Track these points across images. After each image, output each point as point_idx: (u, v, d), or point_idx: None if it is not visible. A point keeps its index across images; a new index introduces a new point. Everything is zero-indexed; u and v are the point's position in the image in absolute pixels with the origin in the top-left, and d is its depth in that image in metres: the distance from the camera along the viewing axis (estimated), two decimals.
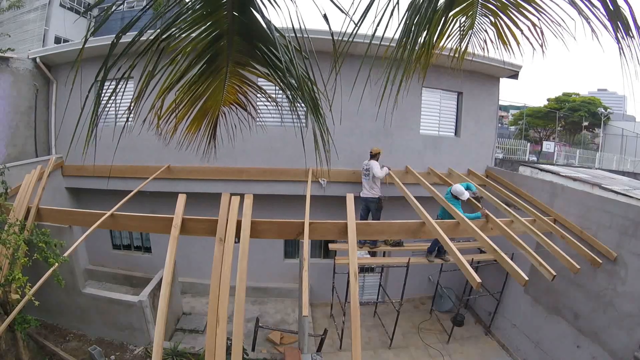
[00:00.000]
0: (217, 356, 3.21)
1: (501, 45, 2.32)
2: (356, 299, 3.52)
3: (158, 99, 1.90)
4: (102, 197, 6.79)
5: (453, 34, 2.30)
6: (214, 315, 3.48)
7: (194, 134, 2.48)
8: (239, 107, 2.48)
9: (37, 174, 6.03)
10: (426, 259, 6.69)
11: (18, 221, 4.76)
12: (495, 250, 4.12)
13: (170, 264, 3.85)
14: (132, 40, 1.33)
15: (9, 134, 6.98)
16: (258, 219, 4.67)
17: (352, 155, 7.20)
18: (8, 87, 6.88)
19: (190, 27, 1.48)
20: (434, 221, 4.79)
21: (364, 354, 6.48)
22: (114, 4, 1.46)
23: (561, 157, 16.59)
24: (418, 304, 8.59)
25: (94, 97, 1.49)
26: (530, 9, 1.89)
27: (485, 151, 8.22)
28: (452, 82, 7.38)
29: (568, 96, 26.83)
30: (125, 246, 8.72)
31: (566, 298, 5.74)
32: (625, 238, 4.92)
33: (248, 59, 1.81)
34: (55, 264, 4.07)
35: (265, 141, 6.68)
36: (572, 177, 6.27)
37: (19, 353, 4.70)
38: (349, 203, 4.82)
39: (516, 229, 5.37)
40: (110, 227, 5.31)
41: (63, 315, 6.08)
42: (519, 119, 25.22)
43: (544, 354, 6.05)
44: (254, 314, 7.16)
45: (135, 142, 6.37)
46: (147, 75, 1.51)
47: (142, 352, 5.70)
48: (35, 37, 14.69)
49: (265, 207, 6.65)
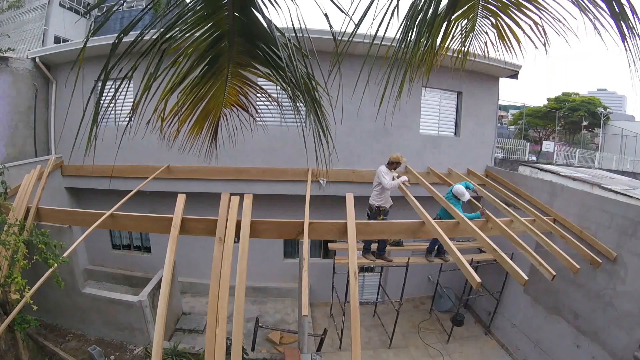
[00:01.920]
0: (216, 356, 3.21)
1: (502, 46, 2.32)
2: (356, 298, 3.52)
3: (161, 101, 1.89)
4: (102, 197, 6.79)
5: (455, 37, 2.29)
6: (214, 315, 3.48)
7: (196, 136, 2.47)
8: (240, 108, 2.48)
9: (36, 173, 6.01)
10: (426, 258, 6.69)
11: (17, 221, 4.76)
12: (495, 250, 4.12)
13: (169, 263, 3.85)
14: (134, 41, 1.32)
15: (9, 133, 6.97)
16: (258, 219, 4.67)
17: (352, 155, 7.21)
18: (7, 87, 6.87)
19: (191, 28, 1.48)
20: (433, 221, 4.79)
21: (364, 353, 6.48)
22: (115, 4, 1.46)
23: (561, 156, 16.58)
24: (418, 303, 8.60)
25: (94, 97, 1.49)
26: (532, 7, 1.89)
27: (484, 151, 8.23)
28: (451, 81, 7.38)
29: (568, 96, 26.83)
30: (125, 246, 8.72)
31: (566, 298, 5.75)
32: (625, 238, 4.93)
33: (249, 59, 1.81)
34: (54, 264, 4.06)
35: (265, 141, 6.67)
36: (572, 177, 6.27)
37: (18, 353, 4.69)
38: (348, 203, 4.82)
39: (516, 228, 5.37)
40: (109, 227, 5.31)
41: (63, 315, 6.08)
42: (518, 119, 25.23)
43: (543, 354, 6.05)
44: (253, 314, 7.17)
45: (134, 142, 6.28)
46: (149, 77, 1.50)
47: (141, 352, 5.70)
48: (35, 37, 14.63)
49: (265, 207, 6.65)
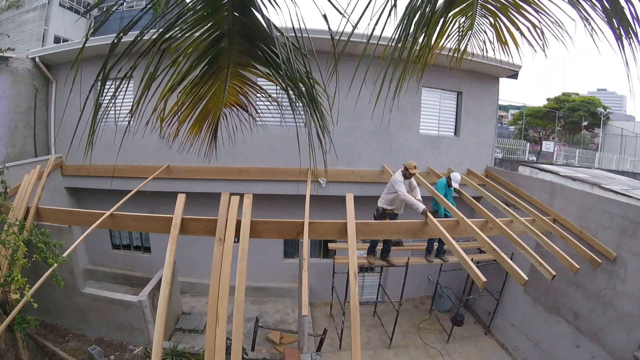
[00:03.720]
0: (216, 356, 3.21)
1: (500, 47, 2.31)
2: (356, 298, 3.53)
3: (161, 101, 1.89)
4: (102, 197, 6.78)
5: (452, 34, 2.29)
6: (214, 315, 3.49)
7: (196, 136, 2.47)
8: (239, 108, 2.48)
9: (36, 173, 6.01)
10: (426, 259, 6.69)
11: (17, 221, 4.76)
12: (495, 250, 4.13)
13: (169, 263, 3.85)
14: (133, 41, 1.32)
15: (9, 133, 6.97)
16: (258, 219, 4.67)
17: (352, 155, 7.21)
18: (7, 87, 6.87)
19: (191, 27, 1.48)
20: (436, 220, 4.80)
21: (364, 353, 6.48)
22: (115, 4, 1.46)
23: (561, 156, 16.56)
24: (418, 303, 8.60)
25: (94, 97, 1.49)
26: (530, 10, 1.88)
27: (484, 151, 8.23)
28: (451, 81, 7.38)
29: (567, 96, 26.80)
30: (125, 246, 8.73)
31: (566, 298, 5.75)
32: (625, 238, 4.93)
33: (249, 59, 1.81)
34: (54, 264, 4.06)
35: (265, 141, 6.67)
36: (572, 177, 6.27)
37: (18, 353, 4.69)
38: (348, 203, 4.82)
39: (516, 228, 5.38)
40: (109, 227, 5.31)
41: (63, 315, 6.08)
42: (518, 119, 25.21)
43: (543, 354, 6.05)
44: (253, 314, 7.17)
45: (134, 142, 6.29)
46: (149, 77, 1.50)
47: (141, 352, 5.70)
48: (35, 36, 14.64)
49: (265, 206, 6.65)
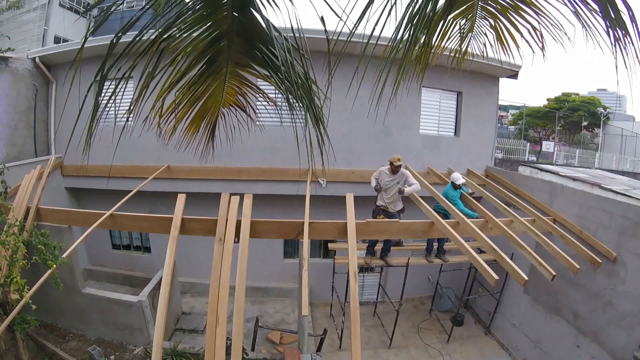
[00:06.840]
0: (216, 356, 3.21)
1: (500, 49, 2.32)
2: (356, 298, 3.52)
3: (158, 99, 1.89)
4: (102, 197, 6.78)
5: (453, 36, 2.29)
6: (214, 315, 3.48)
7: (193, 135, 2.47)
8: (238, 109, 2.48)
9: (36, 173, 6.01)
10: (426, 259, 6.69)
11: (17, 221, 4.75)
12: (495, 250, 4.13)
13: (169, 264, 3.85)
14: (132, 40, 1.32)
15: (9, 133, 6.97)
16: (258, 219, 4.67)
17: (352, 155, 7.20)
18: (7, 87, 6.87)
19: (190, 27, 1.48)
20: (444, 221, 4.81)
21: (364, 353, 6.48)
22: (114, 4, 1.45)
23: (561, 157, 16.56)
24: (418, 303, 8.60)
25: (93, 97, 1.49)
26: (530, 12, 1.89)
27: (484, 151, 8.22)
28: (451, 82, 7.38)
29: (567, 96, 26.78)
30: (125, 246, 8.72)
31: (566, 298, 5.74)
32: (625, 238, 4.93)
33: (248, 59, 1.81)
34: (54, 265, 4.06)
35: (265, 141, 6.67)
36: (572, 177, 6.27)
37: (18, 353, 4.69)
38: (348, 203, 4.82)
39: (516, 228, 5.38)
40: (109, 227, 5.31)
41: (63, 315, 6.07)
42: (518, 119, 25.24)
43: (543, 354, 6.05)
44: (253, 314, 7.16)
45: (134, 142, 6.36)
46: (147, 76, 1.50)
47: (141, 352, 5.70)
48: (35, 37, 14.64)
49: (265, 207, 6.64)
